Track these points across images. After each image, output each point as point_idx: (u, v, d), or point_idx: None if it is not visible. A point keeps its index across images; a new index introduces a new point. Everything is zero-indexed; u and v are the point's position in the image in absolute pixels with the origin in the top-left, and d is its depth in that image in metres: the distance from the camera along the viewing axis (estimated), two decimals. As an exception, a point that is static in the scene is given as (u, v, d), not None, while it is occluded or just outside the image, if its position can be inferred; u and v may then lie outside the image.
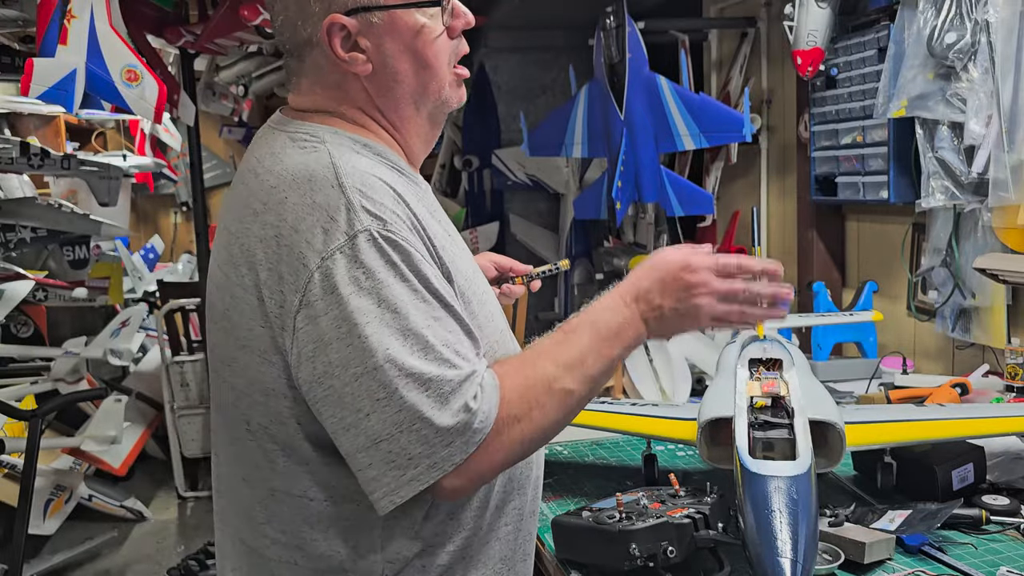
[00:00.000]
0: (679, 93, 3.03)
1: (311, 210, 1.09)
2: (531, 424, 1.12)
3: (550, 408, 1.13)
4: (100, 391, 4.55)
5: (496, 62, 4.90)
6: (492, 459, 1.10)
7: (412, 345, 1.06)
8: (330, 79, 1.23)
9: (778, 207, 3.49)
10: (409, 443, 1.05)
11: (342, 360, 1.06)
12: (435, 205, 1.28)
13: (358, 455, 1.08)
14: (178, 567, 4.02)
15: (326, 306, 1.06)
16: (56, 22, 2.82)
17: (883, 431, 1.71)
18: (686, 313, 1.19)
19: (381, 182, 1.13)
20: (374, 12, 1.19)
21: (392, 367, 1.05)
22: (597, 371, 1.16)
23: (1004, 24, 2.13)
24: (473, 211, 5.00)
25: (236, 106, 6.39)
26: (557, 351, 1.16)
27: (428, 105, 1.27)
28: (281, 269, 1.09)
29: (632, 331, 1.19)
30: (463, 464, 1.07)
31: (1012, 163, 2.11)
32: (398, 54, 1.21)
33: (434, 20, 1.23)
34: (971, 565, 1.46)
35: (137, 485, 5.19)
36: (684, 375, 2.67)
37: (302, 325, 1.08)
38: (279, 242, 1.10)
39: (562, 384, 1.13)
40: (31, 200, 4.75)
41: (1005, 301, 2.36)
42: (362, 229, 1.07)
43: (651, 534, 1.37)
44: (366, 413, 1.06)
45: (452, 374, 1.06)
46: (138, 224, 8.15)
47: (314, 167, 1.13)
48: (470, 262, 1.27)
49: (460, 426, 1.06)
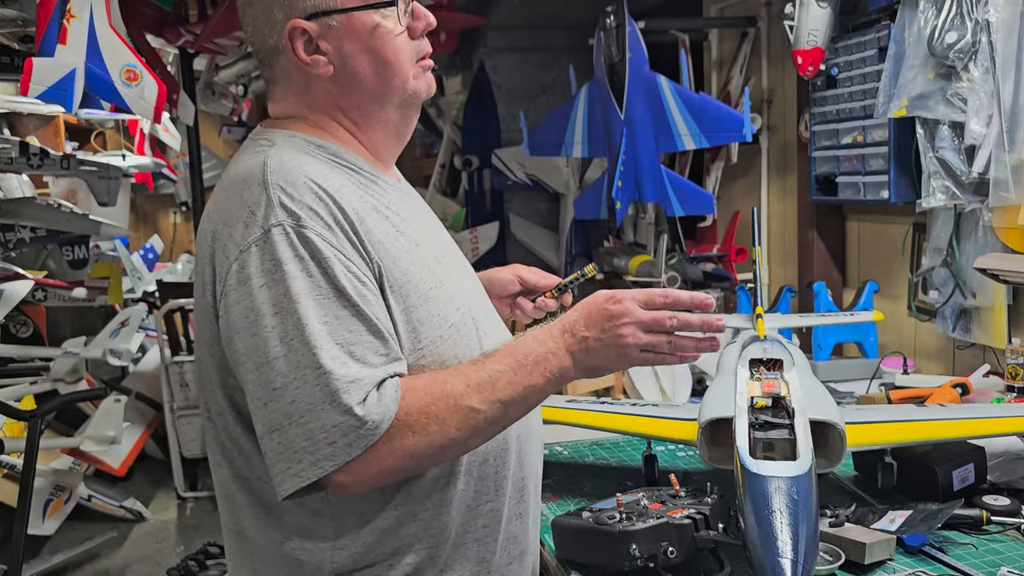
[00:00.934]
0: (679, 93, 3.02)
1: (238, 207, 1.16)
2: (426, 437, 1.12)
3: (450, 424, 1.13)
4: (99, 391, 4.54)
5: (496, 62, 4.90)
6: (380, 464, 1.11)
7: (312, 339, 1.08)
8: (298, 84, 1.29)
9: (778, 207, 3.48)
10: (296, 437, 1.08)
11: (247, 349, 1.11)
12: (397, 203, 1.29)
13: (262, 440, 1.12)
14: (178, 567, 4.01)
15: (238, 296, 1.12)
16: (55, 22, 2.82)
17: (884, 431, 1.71)
18: (611, 343, 1.19)
19: (307, 179, 1.17)
20: (332, 15, 1.24)
21: (288, 360, 1.08)
22: (508, 396, 1.16)
23: (1005, 24, 2.13)
24: (473, 211, 5.00)
25: (235, 106, 6.39)
26: (471, 370, 1.17)
27: (392, 101, 1.31)
28: (214, 263, 1.16)
29: (555, 361, 1.19)
30: (348, 464, 1.09)
31: (1013, 163, 2.11)
32: (357, 54, 1.26)
33: (391, 20, 1.27)
34: (972, 565, 1.46)
35: (136, 485, 5.18)
36: (684, 375, 2.67)
37: (222, 314, 1.14)
38: (215, 237, 1.17)
39: (468, 402, 1.14)
40: (30, 200, 4.74)
41: (1006, 301, 2.36)
42: (276, 223, 1.12)
43: (651, 534, 1.37)
44: (264, 402, 1.10)
45: (342, 372, 1.08)
46: (137, 224, 8.15)
47: (251, 167, 1.19)
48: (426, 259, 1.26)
49: (344, 426, 1.07)
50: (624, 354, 1.19)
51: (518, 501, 1.33)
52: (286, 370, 1.08)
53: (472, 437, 1.16)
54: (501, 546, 1.30)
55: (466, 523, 1.26)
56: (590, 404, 1.99)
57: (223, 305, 1.14)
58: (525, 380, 1.17)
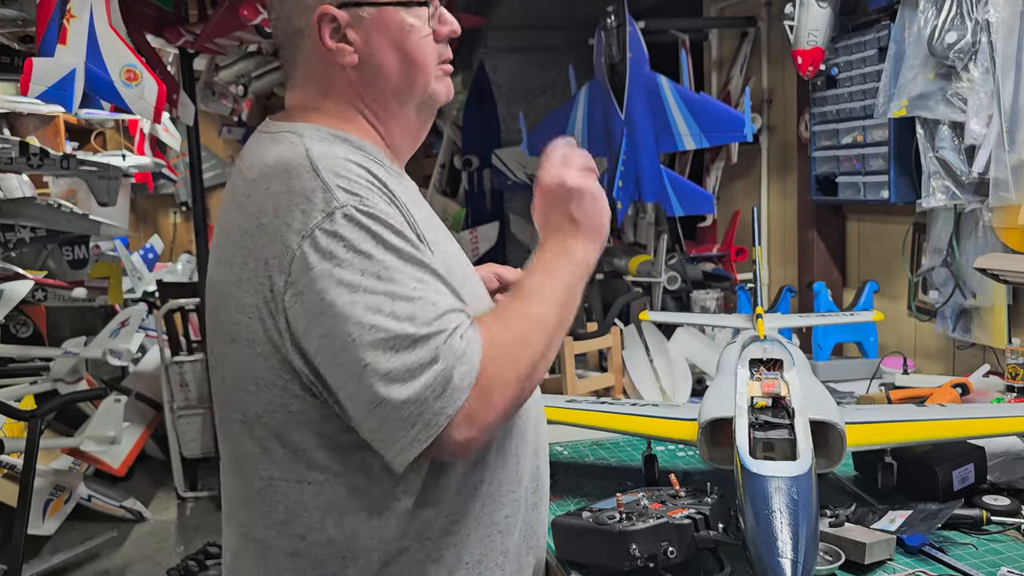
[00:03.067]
0: (680, 93, 3.02)
1: (289, 196, 1.13)
2: (522, 359, 1.15)
3: (534, 339, 1.17)
4: (99, 391, 4.54)
5: (496, 62, 4.91)
6: (496, 400, 1.12)
7: (398, 308, 1.08)
8: (318, 70, 1.28)
9: (778, 207, 3.48)
10: (404, 402, 1.07)
11: (332, 331, 1.09)
12: (419, 200, 1.31)
13: (364, 423, 1.11)
14: (177, 567, 4.01)
15: (310, 281, 1.09)
16: (55, 22, 2.81)
17: (884, 431, 1.71)
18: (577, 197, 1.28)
19: (357, 166, 1.17)
20: (364, 7, 1.25)
21: (377, 332, 1.07)
22: (560, 296, 1.21)
23: (1005, 24, 2.13)
24: (473, 211, 5.00)
25: (235, 106, 6.38)
26: (516, 295, 1.23)
27: (414, 100, 1.32)
28: (266, 255, 1.13)
29: (566, 252, 1.26)
30: (468, 414, 1.09)
31: (1013, 163, 2.11)
32: (384, 48, 1.27)
33: (420, 21, 1.29)
34: (972, 565, 1.46)
35: (136, 485, 5.18)
36: (684, 375, 2.67)
37: (292, 303, 1.11)
38: (262, 230, 1.14)
39: (537, 314, 1.18)
40: (30, 200, 4.73)
41: (1006, 301, 2.36)
42: (339, 206, 1.11)
43: (651, 534, 1.37)
44: (362, 377, 1.08)
45: (436, 330, 1.09)
46: (137, 224, 8.14)
47: (290, 157, 1.18)
48: (456, 255, 1.30)
49: (445, 374, 1.08)
50: (593, 194, 1.30)
51: (534, 491, 1.34)
52: (378, 343, 1.07)
53: (550, 348, 1.20)
54: (519, 536, 1.30)
55: (491, 513, 1.26)
56: (590, 404, 1.99)
57: (291, 295, 1.11)
58: (565, 280, 1.23)
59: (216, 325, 1.23)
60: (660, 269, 3.21)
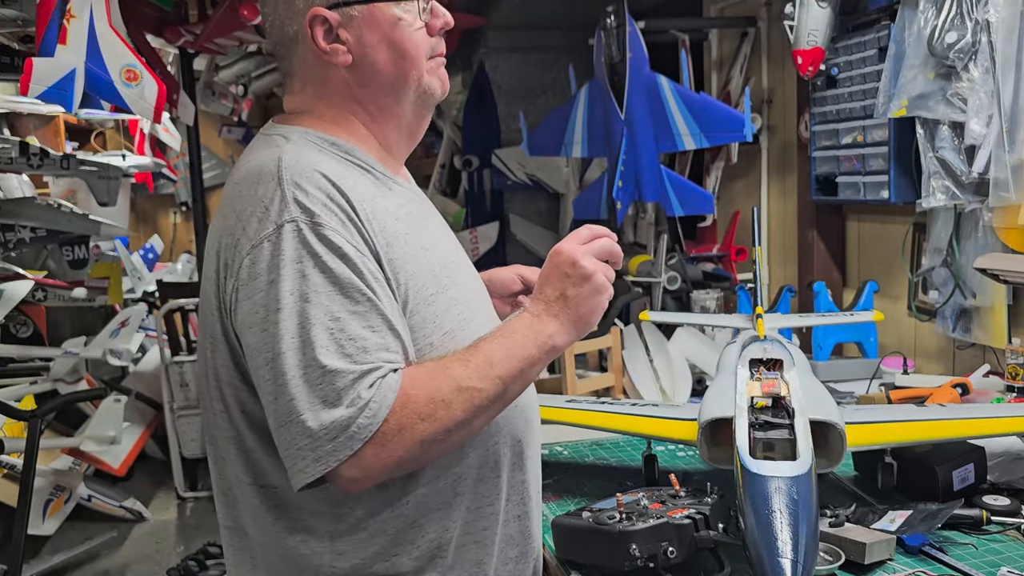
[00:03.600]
0: (679, 93, 3.02)
1: (252, 201, 1.16)
2: (435, 423, 1.13)
3: (456, 407, 1.14)
4: (99, 391, 4.54)
5: (496, 62, 4.90)
6: (390, 455, 1.11)
7: (318, 335, 1.09)
8: (315, 74, 1.29)
9: (778, 207, 3.48)
10: (299, 433, 1.09)
11: (258, 344, 1.12)
12: (407, 204, 1.31)
13: (274, 433, 1.13)
14: (177, 567, 4.01)
15: (249, 291, 1.12)
16: (55, 22, 2.81)
17: (884, 431, 1.70)
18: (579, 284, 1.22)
19: (322, 176, 1.17)
20: (354, 6, 1.25)
21: (294, 355, 1.09)
22: (506, 371, 1.17)
23: (1005, 24, 2.13)
24: (473, 211, 5.00)
25: (235, 106, 6.38)
26: (468, 353, 1.18)
27: (409, 94, 1.32)
28: (226, 257, 1.16)
29: (542, 329, 1.21)
30: (358, 458, 1.09)
31: (1013, 163, 2.11)
32: (377, 45, 1.27)
33: (411, 14, 1.29)
34: (972, 565, 1.46)
35: (136, 485, 5.18)
36: (684, 375, 2.67)
37: (234, 308, 1.15)
38: (229, 232, 1.17)
39: (470, 383, 1.15)
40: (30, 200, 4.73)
41: (1006, 301, 2.36)
42: (289, 219, 1.13)
43: (651, 534, 1.37)
44: (274, 397, 1.10)
45: (350, 368, 1.09)
46: (137, 224, 8.15)
47: (264, 162, 1.20)
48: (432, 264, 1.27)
49: (344, 422, 1.08)
50: (596, 286, 1.23)
51: (518, 503, 1.34)
52: (291, 366, 1.09)
53: (476, 417, 1.17)
54: (499, 548, 1.31)
55: (465, 525, 1.26)
56: (590, 404, 1.99)
57: (234, 299, 1.14)
58: (520, 353, 1.19)
59: (199, 323, 1.28)
60: (660, 269, 3.21)
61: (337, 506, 1.20)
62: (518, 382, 1.20)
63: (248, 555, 1.27)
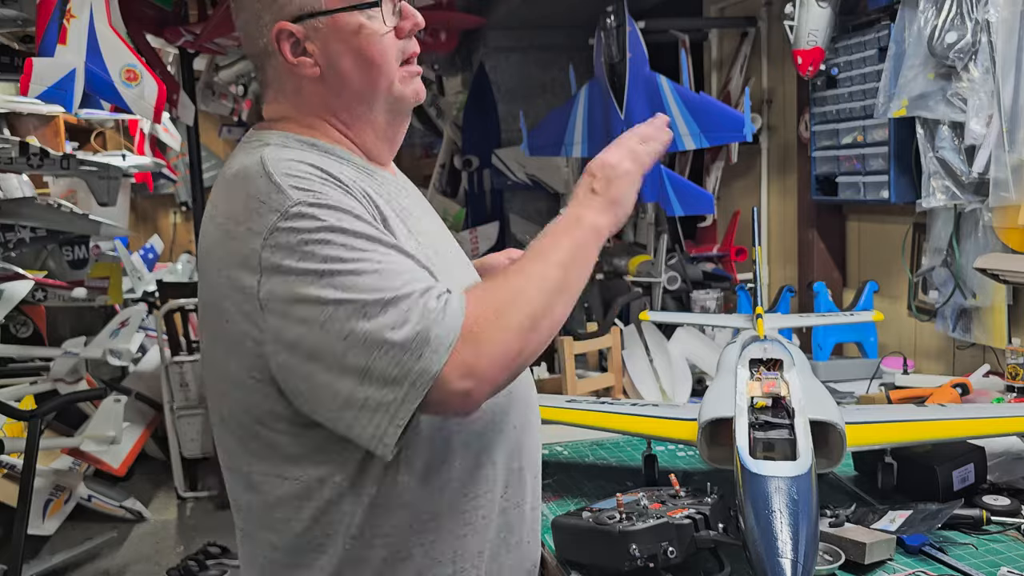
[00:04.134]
0: (679, 93, 3.02)
1: (246, 201, 1.16)
2: (519, 309, 1.13)
3: (530, 293, 1.14)
4: (99, 391, 4.53)
5: (496, 62, 4.91)
6: (492, 350, 1.10)
7: (364, 282, 1.09)
8: (288, 85, 1.30)
9: (778, 207, 3.48)
10: (383, 367, 1.06)
11: (309, 317, 1.09)
12: (396, 194, 1.32)
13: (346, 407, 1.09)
14: (177, 567, 4.01)
15: (280, 280, 1.11)
16: (55, 22, 2.82)
17: (884, 431, 1.70)
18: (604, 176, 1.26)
19: (308, 166, 1.18)
20: (318, 17, 1.25)
21: (349, 308, 1.07)
22: (561, 258, 1.19)
23: (1005, 24, 2.13)
24: (473, 211, 5.00)
25: (235, 106, 6.38)
26: (520, 260, 1.21)
27: (379, 102, 1.32)
28: (235, 260, 1.15)
29: (584, 210, 1.24)
30: (462, 364, 1.07)
31: (1013, 163, 2.11)
32: (343, 55, 1.27)
33: (376, 21, 1.28)
34: (972, 565, 1.46)
35: (136, 485, 5.18)
36: (684, 375, 2.67)
37: (266, 302, 1.12)
38: (228, 236, 1.16)
39: (533, 271, 1.17)
40: (30, 200, 4.73)
41: (1006, 301, 2.36)
42: (293, 204, 1.13)
43: (651, 534, 1.37)
44: (341, 356, 1.08)
45: (408, 290, 1.09)
46: (137, 224, 8.15)
47: (247, 164, 1.20)
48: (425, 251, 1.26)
49: (423, 333, 1.06)
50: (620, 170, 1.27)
51: (516, 490, 1.34)
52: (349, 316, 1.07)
53: (554, 302, 1.17)
54: (495, 535, 1.31)
55: (461, 513, 1.26)
56: (590, 404, 1.99)
57: (265, 293, 1.12)
58: (571, 239, 1.21)
59: (201, 328, 1.27)
60: (660, 269, 3.21)
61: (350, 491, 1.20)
62: (577, 266, 1.21)
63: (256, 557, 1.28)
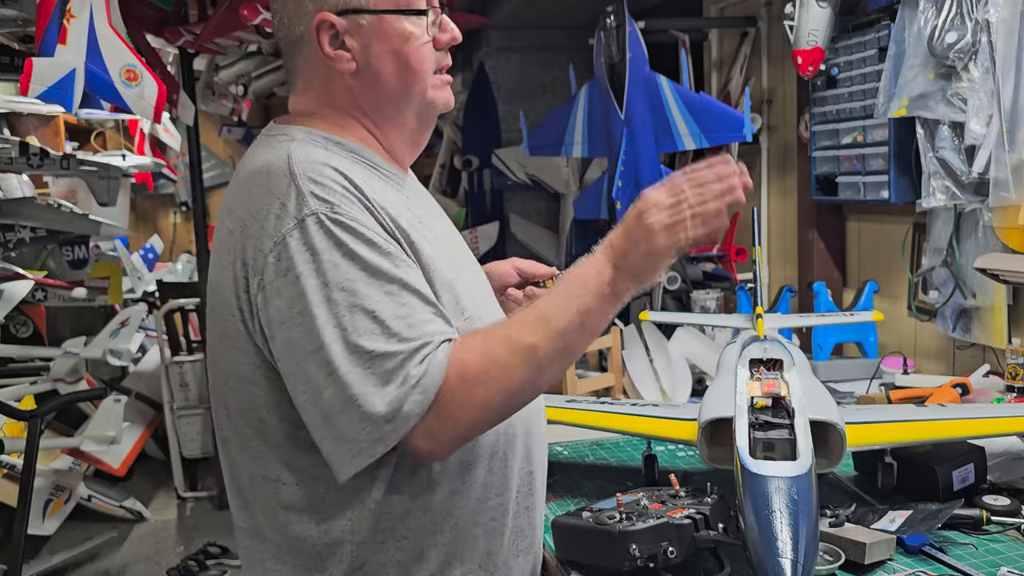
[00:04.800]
0: (679, 93, 3.02)
1: (266, 199, 1.16)
2: (493, 385, 1.13)
3: (513, 367, 1.13)
4: (99, 391, 4.53)
5: (496, 62, 4.90)
6: (457, 421, 1.12)
7: (359, 321, 1.10)
8: (318, 76, 1.29)
9: (778, 207, 3.48)
10: (356, 419, 1.10)
11: (296, 338, 1.11)
12: (417, 203, 1.32)
13: (317, 430, 1.13)
14: (177, 567, 4.02)
15: (280, 287, 1.12)
16: (55, 22, 2.82)
17: (884, 431, 1.70)
18: (641, 236, 1.16)
19: (333, 170, 1.18)
20: (363, 15, 1.25)
21: (338, 345, 1.09)
22: (564, 326, 1.15)
23: (1005, 24, 2.13)
24: (473, 211, 5.00)
25: (235, 106, 6.38)
26: (522, 314, 1.18)
27: (413, 106, 1.32)
28: (245, 256, 1.16)
29: (599, 277, 1.17)
30: (426, 431, 1.10)
31: (1013, 163, 2.11)
32: (383, 56, 1.27)
33: (420, 28, 1.28)
34: (972, 565, 1.46)
35: (136, 485, 5.18)
36: (684, 375, 2.67)
37: (263, 306, 1.14)
38: (244, 232, 1.17)
39: (525, 342, 1.14)
40: (30, 200, 4.72)
41: (1006, 301, 2.36)
42: (310, 212, 1.13)
43: (651, 534, 1.37)
44: (321, 389, 1.10)
45: (397, 349, 1.10)
46: (137, 224, 8.14)
47: (273, 160, 1.20)
48: (446, 252, 1.28)
49: (398, 401, 1.09)
50: (654, 240, 1.15)
51: (526, 495, 1.34)
52: (337, 355, 1.09)
53: (539, 375, 1.16)
54: (508, 539, 1.31)
55: (475, 515, 1.26)
56: (590, 404, 1.99)
57: (261, 298, 1.14)
58: (576, 305, 1.16)
59: (210, 323, 1.27)
60: (660, 269, 3.20)
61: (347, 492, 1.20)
62: (579, 335, 1.17)
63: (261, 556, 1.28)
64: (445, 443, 1.14)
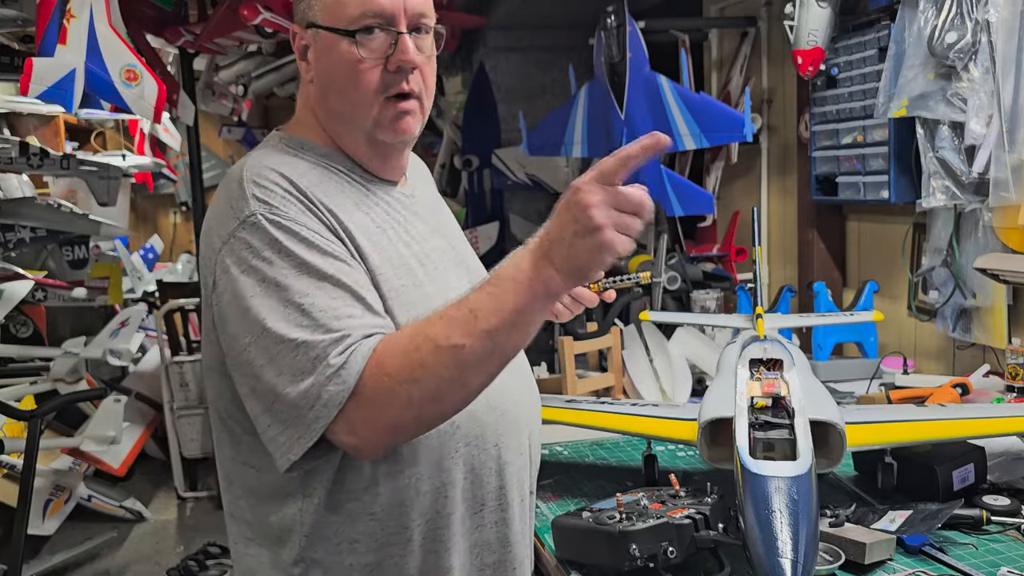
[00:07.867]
0: (679, 93, 3.02)
1: (222, 202, 1.25)
2: (417, 384, 1.12)
3: (436, 366, 1.10)
4: (99, 391, 4.53)
5: (496, 62, 4.90)
6: (380, 418, 1.13)
7: (289, 314, 1.15)
8: (303, 83, 1.38)
9: (778, 207, 3.48)
10: (282, 409, 1.15)
11: (236, 331, 1.18)
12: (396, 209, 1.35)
13: (258, 419, 1.18)
14: (177, 567, 4.01)
15: (225, 284, 1.20)
16: (55, 22, 2.82)
17: (884, 431, 1.71)
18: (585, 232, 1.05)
19: (279, 175, 1.24)
20: (318, 29, 1.30)
21: (269, 338, 1.15)
22: (494, 324, 1.09)
23: (1005, 24, 2.13)
24: (473, 211, 5.00)
25: (235, 106, 6.39)
26: (452, 310, 1.12)
27: (359, 126, 1.32)
28: (205, 255, 1.25)
29: (536, 274, 1.08)
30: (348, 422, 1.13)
31: (1013, 163, 2.11)
32: (328, 71, 1.31)
33: (366, 50, 1.27)
34: (972, 565, 1.46)
35: (136, 485, 5.18)
36: (684, 375, 2.67)
37: (215, 302, 1.22)
38: (207, 232, 1.26)
39: (450, 341, 1.09)
40: (30, 200, 4.72)
41: (1006, 301, 2.36)
42: (250, 214, 1.20)
43: (651, 534, 1.37)
44: (255, 380, 1.17)
45: (319, 338, 1.13)
46: (137, 224, 8.14)
47: (237, 166, 1.29)
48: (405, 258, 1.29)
49: (315, 391, 1.12)
50: (600, 243, 1.05)
51: (495, 509, 1.34)
52: (266, 348, 1.15)
53: (466, 375, 1.12)
54: (471, 552, 1.32)
55: (432, 530, 1.27)
56: (590, 404, 1.99)
57: (215, 295, 1.22)
58: (510, 304, 1.09)
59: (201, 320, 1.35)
60: (660, 269, 3.21)
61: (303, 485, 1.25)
62: (511, 333, 1.11)
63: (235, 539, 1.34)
64: (368, 439, 1.15)
